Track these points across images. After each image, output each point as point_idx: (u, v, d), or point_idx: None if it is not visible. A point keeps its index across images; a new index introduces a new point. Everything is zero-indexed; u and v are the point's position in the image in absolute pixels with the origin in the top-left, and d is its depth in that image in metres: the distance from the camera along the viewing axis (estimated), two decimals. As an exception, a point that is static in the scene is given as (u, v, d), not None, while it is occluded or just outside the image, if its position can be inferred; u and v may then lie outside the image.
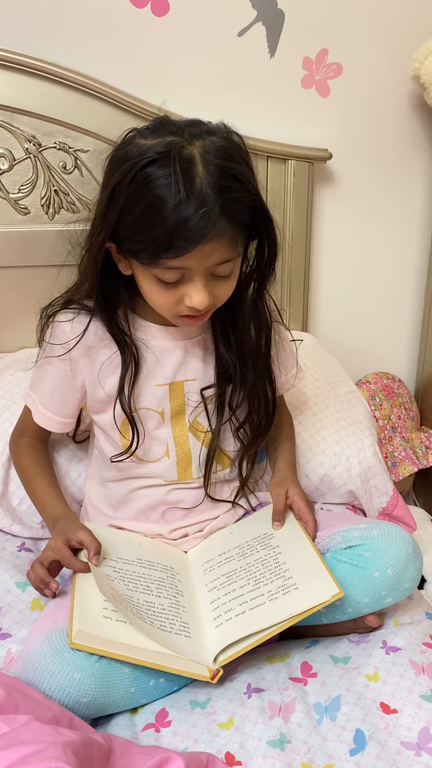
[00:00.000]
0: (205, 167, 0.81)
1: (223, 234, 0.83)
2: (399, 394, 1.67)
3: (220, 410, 1.04)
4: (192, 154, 0.82)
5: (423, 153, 1.58)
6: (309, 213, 1.48)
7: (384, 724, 0.81)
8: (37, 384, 1.04)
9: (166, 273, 0.86)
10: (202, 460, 1.04)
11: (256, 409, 1.04)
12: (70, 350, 0.97)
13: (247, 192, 0.86)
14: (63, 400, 1.02)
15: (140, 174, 0.82)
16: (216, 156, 0.83)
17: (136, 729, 0.84)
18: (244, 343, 1.01)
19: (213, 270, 0.88)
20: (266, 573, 0.94)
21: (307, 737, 0.80)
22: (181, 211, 0.80)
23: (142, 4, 1.28)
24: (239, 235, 0.87)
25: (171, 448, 1.03)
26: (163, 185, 0.80)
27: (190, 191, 0.80)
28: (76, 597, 0.87)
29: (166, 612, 0.90)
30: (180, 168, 0.80)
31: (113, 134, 1.24)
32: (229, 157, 0.84)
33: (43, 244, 1.29)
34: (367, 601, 0.93)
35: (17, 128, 1.23)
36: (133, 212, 0.83)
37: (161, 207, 0.80)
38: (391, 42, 1.45)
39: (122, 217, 0.85)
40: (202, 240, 0.81)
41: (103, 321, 0.97)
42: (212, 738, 0.81)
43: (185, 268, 0.85)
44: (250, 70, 1.39)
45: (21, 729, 0.64)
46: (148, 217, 0.81)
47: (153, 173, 0.81)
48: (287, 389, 1.15)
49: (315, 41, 1.41)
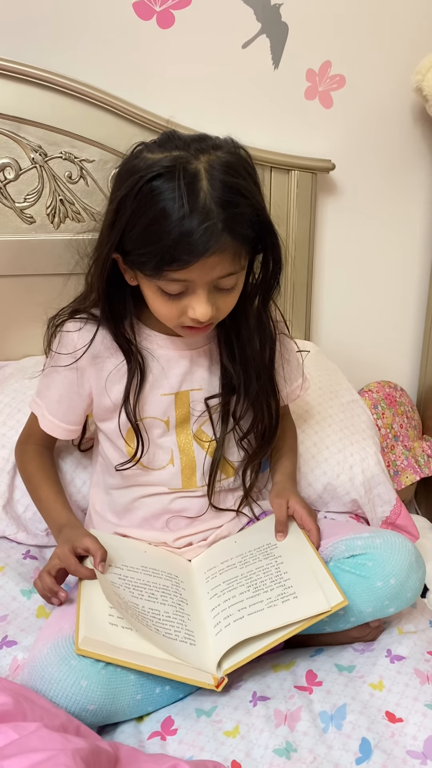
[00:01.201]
0: (209, 182, 0.82)
1: (226, 248, 0.84)
2: (401, 402, 1.68)
3: (224, 419, 1.04)
4: (197, 169, 0.83)
5: (425, 164, 1.60)
6: (312, 223, 1.49)
7: (389, 732, 0.81)
8: (43, 391, 1.04)
9: (169, 285, 0.87)
10: (206, 469, 1.05)
11: (260, 420, 1.05)
12: (77, 359, 0.98)
13: (252, 207, 0.86)
14: (69, 407, 1.03)
15: (146, 187, 0.83)
16: (221, 171, 0.83)
17: (142, 737, 0.85)
18: (248, 354, 1.01)
19: (216, 283, 0.89)
20: (267, 581, 0.94)
21: (313, 746, 0.80)
22: (185, 225, 0.81)
23: (147, 17, 1.29)
24: (243, 249, 0.88)
25: (176, 457, 1.04)
26: (168, 199, 0.81)
27: (194, 205, 0.81)
28: (82, 604, 0.87)
29: (171, 620, 0.90)
30: (185, 182, 0.81)
31: (118, 144, 1.27)
32: (234, 172, 0.85)
33: (48, 253, 1.30)
34: (370, 610, 0.93)
35: (23, 138, 1.24)
36: (139, 225, 0.84)
37: (165, 220, 0.81)
38: (394, 54, 1.47)
39: (128, 230, 0.86)
40: (204, 254, 0.82)
41: (110, 330, 0.98)
42: (218, 746, 0.81)
43: (188, 281, 0.86)
44: (254, 82, 1.40)
45: (30, 736, 0.65)
46: (153, 230, 0.83)
47: (158, 187, 0.82)
48: (292, 399, 1.15)
49: (318, 53, 1.42)
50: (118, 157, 1.27)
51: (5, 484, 1.13)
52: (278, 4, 1.35)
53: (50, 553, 1.12)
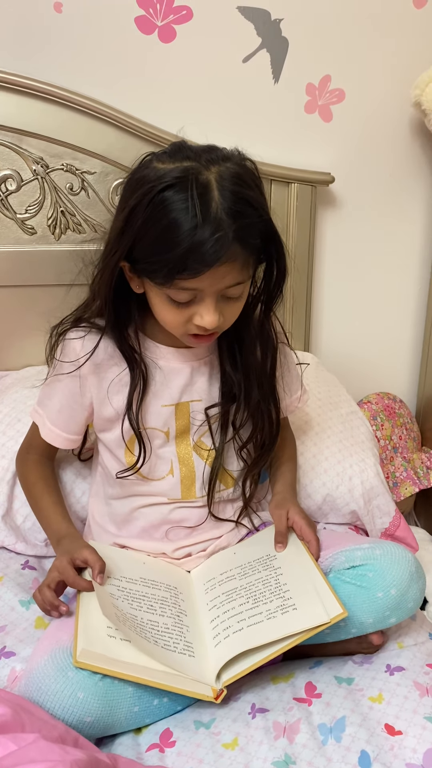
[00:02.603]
0: (220, 193, 0.83)
1: (235, 258, 0.85)
2: (400, 414, 1.68)
3: (223, 429, 1.05)
4: (208, 180, 0.84)
5: (424, 178, 1.61)
6: (311, 235, 1.50)
7: (389, 745, 0.81)
8: (45, 401, 1.05)
9: (179, 293, 0.88)
10: (205, 479, 1.05)
11: (260, 429, 1.05)
12: (80, 367, 0.98)
13: (260, 217, 0.88)
14: (70, 416, 1.03)
15: (158, 198, 0.83)
16: (231, 182, 0.85)
17: (140, 749, 0.84)
18: (250, 362, 1.02)
19: (224, 292, 0.89)
20: (266, 592, 0.94)
21: (312, 758, 0.80)
22: (197, 235, 0.81)
23: (149, 31, 1.31)
24: (251, 258, 0.89)
25: (175, 467, 1.04)
26: (180, 209, 0.82)
27: (206, 216, 0.82)
28: (81, 616, 0.87)
29: (169, 631, 0.90)
30: (197, 193, 0.82)
31: (119, 156, 1.28)
32: (243, 183, 0.86)
33: (49, 264, 1.31)
34: (371, 621, 0.93)
35: (25, 150, 1.25)
36: (150, 234, 0.85)
37: (177, 230, 0.82)
38: (393, 69, 1.48)
39: (138, 238, 0.87)
40: (215, 263, 0.83)
41: (114, 338, 0.99)
42: (217, 758, 0.81)
43: (198, 290, 0.87)
44: (254, 96, 1.41)
45: (29, 747, 0.64)
46: (165, 239, 0.83)
47: (170, 197, 0.83)
48: (291, 411, 1.16)
49: (318, 68, 1.43)
50: (119, 169, 1.30)
51: (4, 494, 1.13)
52: (279, 19, 1.37)
53: (49, 564, 1.13)
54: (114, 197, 1.32)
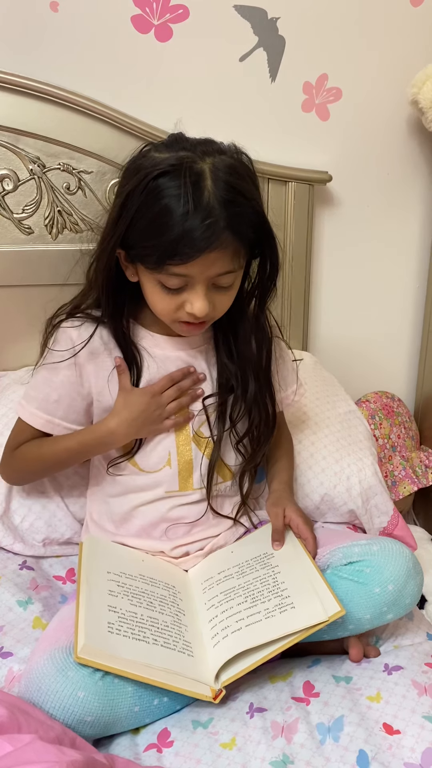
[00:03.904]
0: (214, 182, 0.85)
1: (226, 245, 0.87)
2: (398, 413, 1.68)
3: (221, 419, 1.05)
4: (202, 169, 0.86)
5: (421, 176, 1.61)
6: (309, 234, 1.49)
7: (387, 745, 0.81)
8: (38, 392, 1.02)
9: (170, 279, 0.90)
10: (203, 470, 1.05)
11: (257, 423, 1.05)
12: (76, 354, 0.99)
13: (252, 209, 0.90)
14: (69, 405, 1.02)
15: (152, 184, 0.86)
16: (225, 173, 0.87)
17: (138, 749, 0.84)
18: (245, 355, 1.03)
19: (215, 280, 0.91)
20: (264, 591, 0.94)
21: (310, 758, 0.80)
22: (188, 221, 0.83)
23: (145, 30, 1.30)
24: (242, 249, 0.91)
25: (173, 458, 1.04)
26: (173, 196, 0.84)
27: (198, 203, 0.84)
28: (81, 611, 0.87)
29: (169, 629, 0.90)
30: (190, 181, 0.84)
31: (116, 156, 1.28)
32: (237, 174, 0.88)
33: (46, 264, 1.30)
34: (368, 617, 0.93)
35: (22, 150, 1.25)
36: (143, 219, 0.87)
37: (170, 216, 0.84)
38: (390, 67, 1.48)
39: (132, 224, 0.89)
40: (206, 249, 0.85)
41: (110, 326, 1.00)
42: (215, 759, 0.80)
43: (188, 276, 0.89)
44: (251, 94, 1.41)
45: (25, 748, 0.64)
46: (157, 224, 0.85)
47: (164, 184, 0.85)
48: (287, 404, 1.16)
49: (315, 66, 1.43)
50: (115, 169, 1.29)
51: (2, 494, 1.13)
52: (275, 17, 1.36)
53: (47, 564, 1.14)
54: (111, 196, 1.31)
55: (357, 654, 0.96)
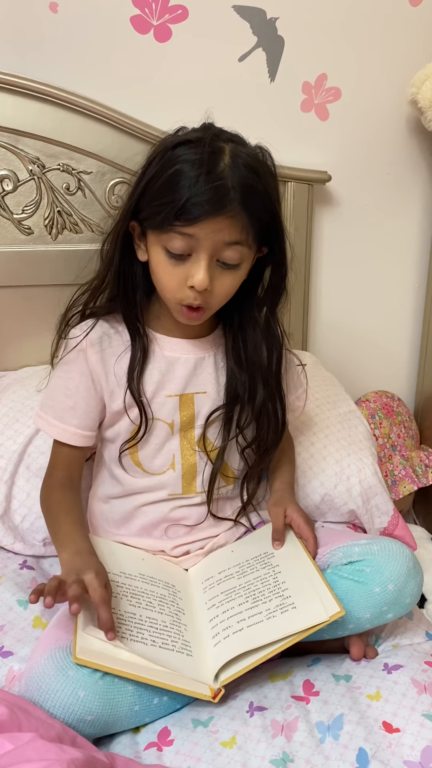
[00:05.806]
0: (232, 159, 0.88)
1: (235, 215, 0.88)
2: (398, 412, 1.68)
3: (227, 426, 1.05)
4: (222, 148, 0.89)
5: (420, 175, 1.61)
6: (308, 234, 1.50)
7: (387, 743, 0.81)
8: (53, 401, 1.03)
9: (175, 241, 0.89)
10: (206, 475, 1.05)
11: (265, 430, 1.05)
12: (83, 344, 1.00)
13: (268, 196, 0.92)
14: (85, 411, 1.02)
15: (170, 152, 0.89)
16: (245, 159, 0.89)
17: (138, 748, 0.84)
18: (255, 361, 1.03)
19: (219, 254, 0.91)
20: (265, 591, 0.94)
21: (310, 756, 0.80)
22: (199, 184, 0.85)
23: (145, 30, 1.31)
24: (251, 228, 0.91)
25: (177, 461, 1.04)
26: (188, 161, 0.87)
27: (213, 169, 0.86)
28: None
29: (168, 629, 0.90)
30: (207, 152, 0.86)
31: (116, 156, 1.28)
32: (257, 162, 0.92)
33: (45, 264, 1.31)
34: (368, 617, 0.93)
35: (22, 150, 1.25)
36: (157, 182, 0.89)
37: (182, 177, 0.86)
38: (389, 67, 1.48)
39: (147, 188, 0.91)
40: (214, 212, 0.86)
41: (123, 307, 1.01)
42: (215, 757, 0.80)
43: (193, 238, 0.88)
44: (250, 95, 1.41)
45: (25, 747, 0.64)
46: (169, 185, 0.87)
47: (182, 152, 0.88)
48: (293, 409, 1.15)
49: (314, 66, 1.43)
50: (115, 169, 1.30)
51: (3, 494, 1.13)
52: (274, 18, 1.37)
53: (47, 564, 1.14)
54: (111, 197, 1.32)
55: (358, 652, 0.96)
